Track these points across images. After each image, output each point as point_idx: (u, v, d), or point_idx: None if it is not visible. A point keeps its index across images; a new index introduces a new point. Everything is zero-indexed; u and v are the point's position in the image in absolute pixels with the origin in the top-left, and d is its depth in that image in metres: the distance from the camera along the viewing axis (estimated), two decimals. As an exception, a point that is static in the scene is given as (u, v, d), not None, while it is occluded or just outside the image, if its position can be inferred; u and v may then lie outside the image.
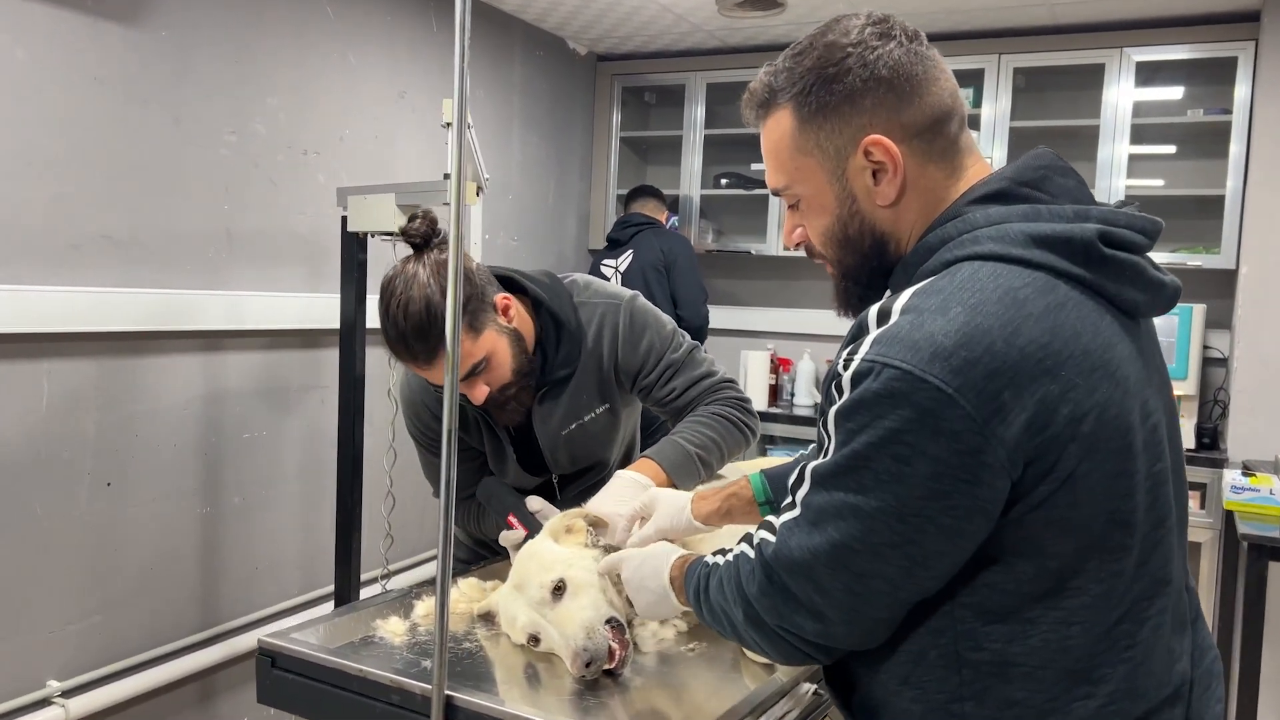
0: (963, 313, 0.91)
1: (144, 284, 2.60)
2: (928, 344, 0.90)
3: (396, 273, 1.59)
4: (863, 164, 1.03)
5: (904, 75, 1.01)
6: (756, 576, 1.03)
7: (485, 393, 1.64)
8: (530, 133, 4.22)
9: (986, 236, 0.97)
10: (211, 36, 2.74)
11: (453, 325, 1.18)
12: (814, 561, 0.97)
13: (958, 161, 1.05)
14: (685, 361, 1.80)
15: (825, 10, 3.74)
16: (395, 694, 1.23)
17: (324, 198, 3.09)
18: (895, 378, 0.90)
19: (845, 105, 1.02)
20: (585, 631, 1.29)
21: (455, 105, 1.22)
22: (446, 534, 1.15)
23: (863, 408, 0.92)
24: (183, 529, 2.76)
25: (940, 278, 0.96)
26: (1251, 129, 3.46)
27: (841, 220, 1.06)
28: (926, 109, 1.02)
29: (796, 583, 0.99)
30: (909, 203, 1.04)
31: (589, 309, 1.78)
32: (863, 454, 0.93)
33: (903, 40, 1.03)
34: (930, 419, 0.89)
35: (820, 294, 4.55)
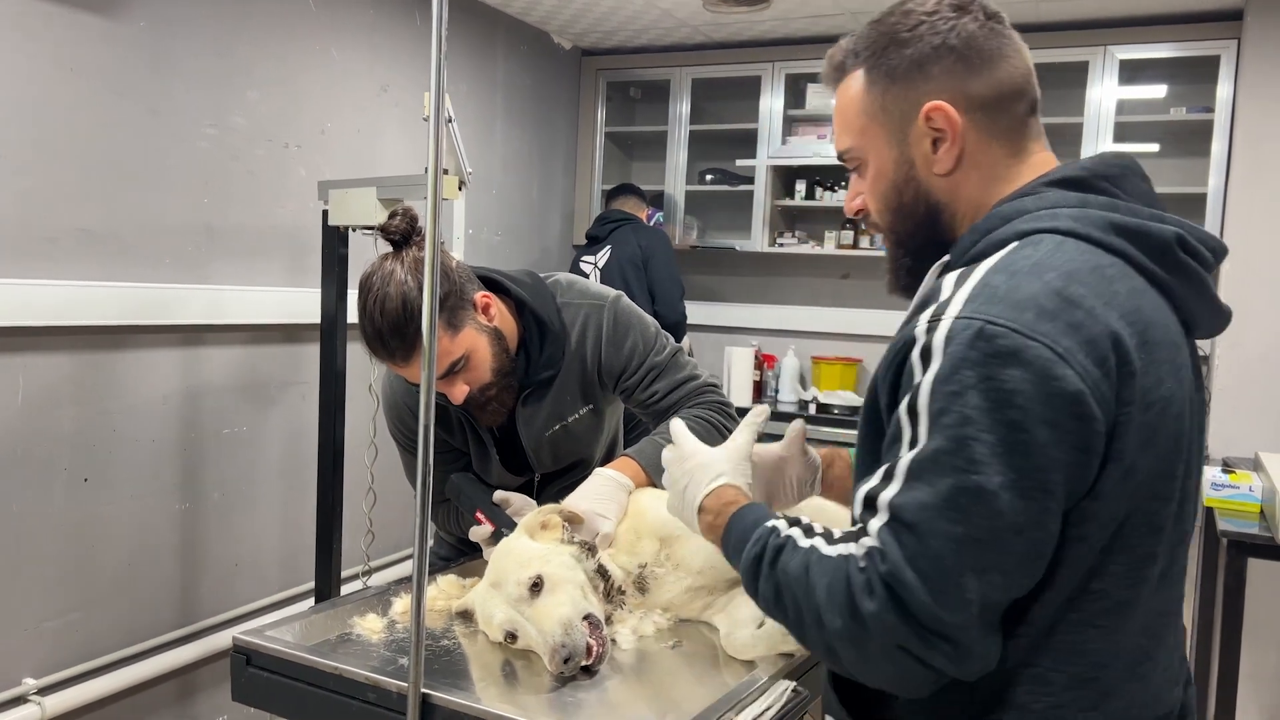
0: (1058, 278, 0.89)
1: (122, 278, 2.57)
2: (1030, 304, 0.87)
3: (374, 269, 1.58)
4: (924, 130, 1.02)
5: (975, 48, 1.01)
6: (876, 593, 0.88)
7: (464, 392, 1.62)
8: (514, 127, 4.20)
9: (1067, 215, 0.96)
10: (191, 28, 2.71)
11: (429, 322, 1.16)
12: (940, 566, 0.86)
13: (1022, 144, 1.04)
14: (668, 364, 1.79)
15: (811, 6, 3.74)
16: (371, 692, 1.22)
17: (305, 192, 3.06)
18: (1001, 335, 0.86)
19: (914, 70, 1.02)
20: (562, 628, 1.28)
21: (433, 99, 1.20)
22: (422, 531, 1.14)
23: (967, 367, 0.86)
24: (161, 526, 2.74)
25: (1024, 245, 0.94)
26: (1233, 127, 3.48)
27: (898, 186, 1.06)
28: (994, 84, 1.02)
29: (917, 596, 0.86)
30: (967, 175, 1.03)
31: (572, 310, 1.77)
32: (975, 421, 0.85)
33: (979, 16, 1.03)
34: (1044, 380, 0.85)
35: (804, 290, 4.56)
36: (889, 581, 0.87)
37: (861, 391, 4.28)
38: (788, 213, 4.49)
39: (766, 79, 4.26)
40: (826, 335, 4.49)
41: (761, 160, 4.26)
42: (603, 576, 1.44)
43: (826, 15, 3.85)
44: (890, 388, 0.96)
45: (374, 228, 2.47)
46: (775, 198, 4.33)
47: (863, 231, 4.21)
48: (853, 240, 4.23)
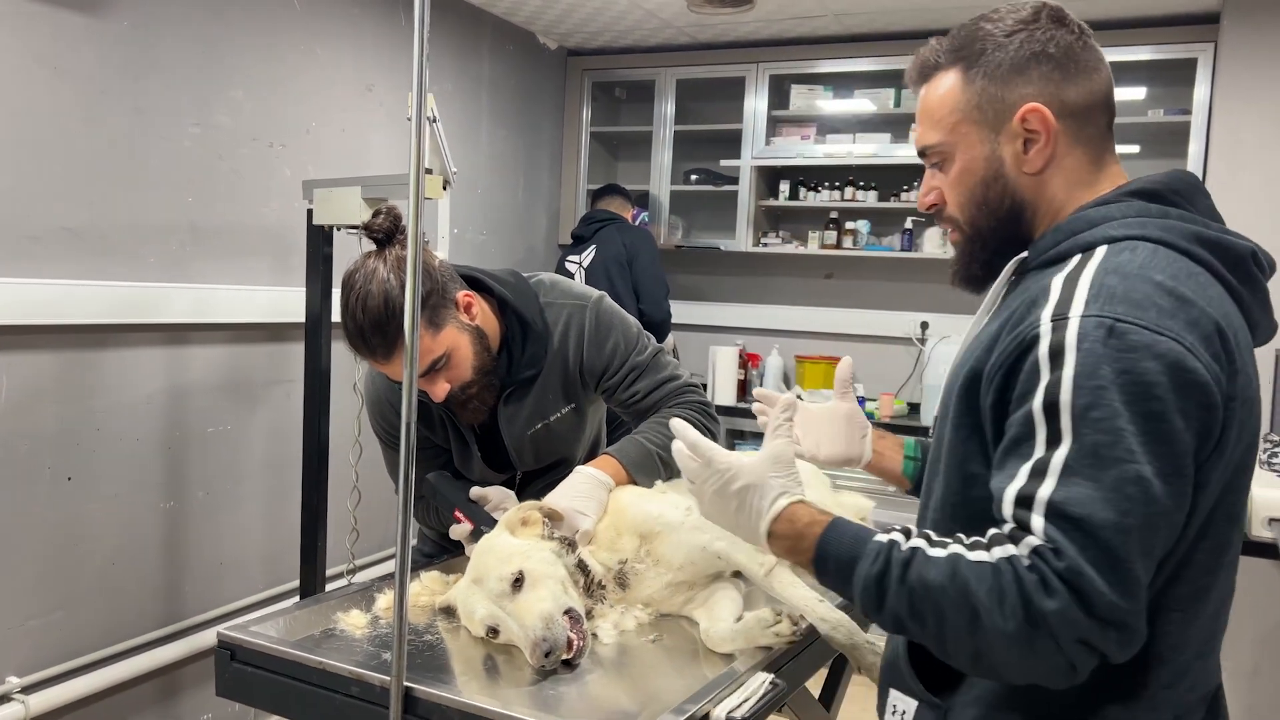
0: (1167, 280, 0.95)
1: (106, 276, 2.57)
2: (1149, 303, 0.93)
3: (357, 267, 1.59)
4: (1017, 130, 1.07)
5: (1072, 58, 1.07)
6: (1056, 590, 0.88)
7: (446, 390, 1.64)
8: (499, 127, 4.21)
9: (1155, 225, 1.01)
10: (175, 27, 2.72)
11: (411, 321, 1.18)
12: (1113, 556, 0.88)
13: (1099, 153, 1.09)
14: (650, 364, 1.81)
15: (795, 8, 3.76)
16: (355, 686, 1.24)
17: (290, 190, 3.07)
18: (1133, 331, 0.91)
19: (1013, 74, 1.07)
20: (544, 622, 1.30)
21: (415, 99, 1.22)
22: (405, 527, 1.16)
23: (1105, 364, 0.90)
24: (145, 524, 2.74)
25: (1121, 249, 0.99)
26: (1210, 129, 3.52)
27: (985, 182, 1.10)
28: (1086, 93, 1.07)
29: (1097, 588, 0.88)
30: (1052, 177, 1.08)
31: (555, 310, 1.78)
32: (1121, 414, 0.89)
33: (1074, 29, 1.08)
34: (1177, 372, 0.90)
35: (788, 290, 4.59)
36: (1067, 577, 0.88)
37: (845, 390, 4.30)
38: (772, 213, 4.52)
39: (751, 80, 4.28)
40: (810, 334, 4.52)
41: (746, 160, 4.28)
42: (583, 571, 1.46)
43: (810, 17, 3.88)
44: (1001, 386, 0.98)
45: (358, 227, 2.49)
46: (759, 198, 4.35)
47: (846, 232, 4.24)
48: (836, 240, 4.26)
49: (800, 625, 1.41)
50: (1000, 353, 0.99)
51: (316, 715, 1.29)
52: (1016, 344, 0.97)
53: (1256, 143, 3.41)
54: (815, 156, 4.19)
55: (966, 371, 1.04)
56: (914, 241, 4.14)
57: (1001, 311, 1.07)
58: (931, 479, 1.13)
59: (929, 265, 4.24)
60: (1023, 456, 0.94)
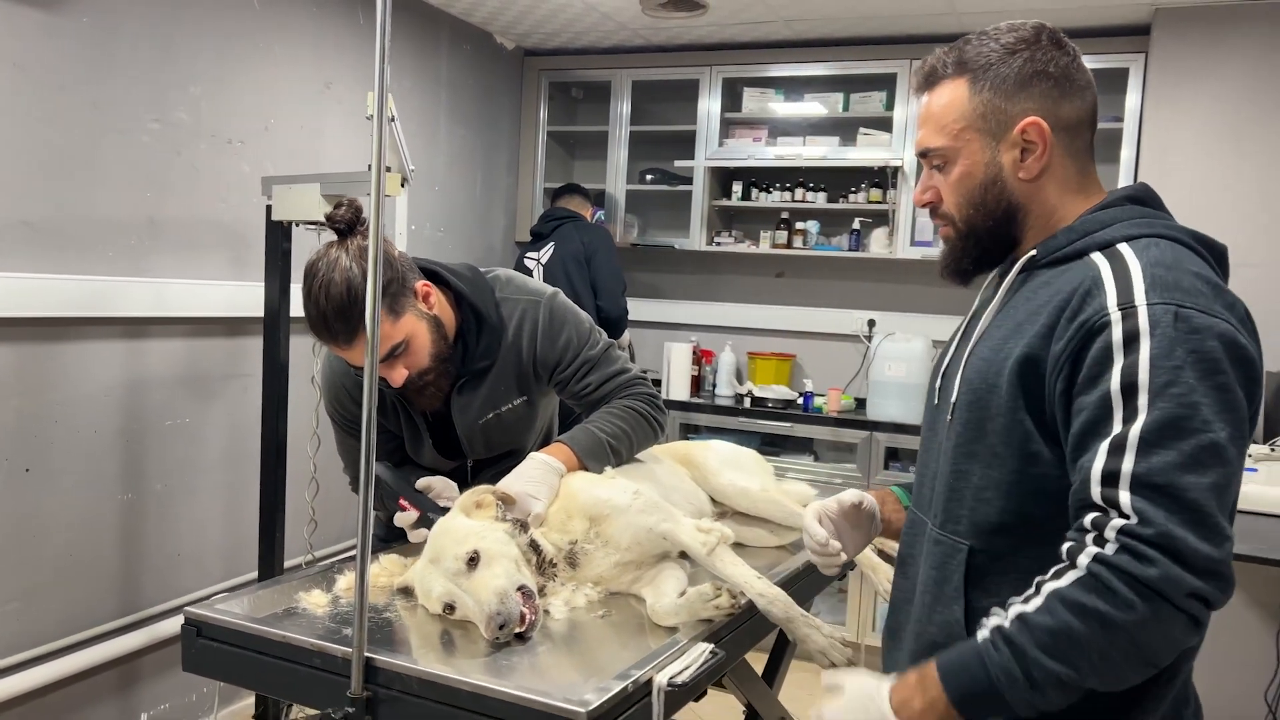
0: (1201, 270, 1.09)
1: (65, 270, 2.60)
2: (1198, 291, 1.06)
3: (320, 256, 1.65)
4: (1016, 140, 1.19)
5: (1069, 79, 1.20)
6: (1152, 557, 0.97)
7: (404, 376, 1.70)
8: (457, 125, 4.26)
9: (1159, 225, 1.15)
10: (134, 24, 2.75)
11: (372, 310, 1.25)
12: (1200, 513, 0.98)
13: (1085, 164, 1.23)
14: (601, 358, 1.89)
15: (746, 13, 3.86)
16: (318, 658, 1.30)
17: (248, 186, 3.11)
18: (1195, 315, 1.03)
19: (1016, 89, 1.18)
20: (498, 597, 1.38)
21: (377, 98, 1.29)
22: (366, 501, 1.23)
23: (1179, 345, 1.02)
24: (103, 516, 2.76)
25: (1147, 245, 1.11)
26: (1141, 136, 3.68)
27: (984, 186, 1.21)
28: (1078, 111, 1.21)
29: (1189, 544, 0.97)
30: (1045, 184, 1.20)
31: (510, 304, 1.85)
32: (1196, 389, 1.01)
33: (1070, 52, 1.21)
34: (1234, 348, 1.03)
35: (740, 288, 4.69)
36: (1160, 542, 0.97)
37: (796, 385, 4.42)
38: (725, 212, 4.62)
39: (704, 82, 4.38)
40: (762, 331, 4.63)
41: (699, 161, 4.38)
42: (535, 551, 1.54)
43: (761, 22, 3.98)
44: (1069, 372, 1.08)
45: (319, 221, 2.55)
46: (713, 198, 4.45)
47: (796, 232, 4.36)
48: (786, 240, 4.37)
49: (740, 600, 1.50)
50: (1067, 339, 1.08)
51: (280, 687, 1.36)
52: (1083, 331, 1.07)
53: (1183, 149, 3.58)
54: (766, 158, 4.30)
55: (1019, 357, 1.12)
56: (861, 242, 4.26)
57: (1024, 303, 1.17)
58: (963, 463, 1.19)
59: (876, 265, 4.36)
60: (1102, 435, 1.04)
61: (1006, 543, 1.16)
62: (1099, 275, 1.10)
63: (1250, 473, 2.63)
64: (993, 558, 1.17)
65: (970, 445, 1.19)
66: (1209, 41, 3.52)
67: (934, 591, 1.22)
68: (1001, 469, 1.15)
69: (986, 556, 1.17)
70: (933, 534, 1.24)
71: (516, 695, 1.18)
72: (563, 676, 1.34)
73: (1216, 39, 3.51)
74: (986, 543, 1.17)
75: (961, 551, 1.19)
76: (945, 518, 1.22)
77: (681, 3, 3.77)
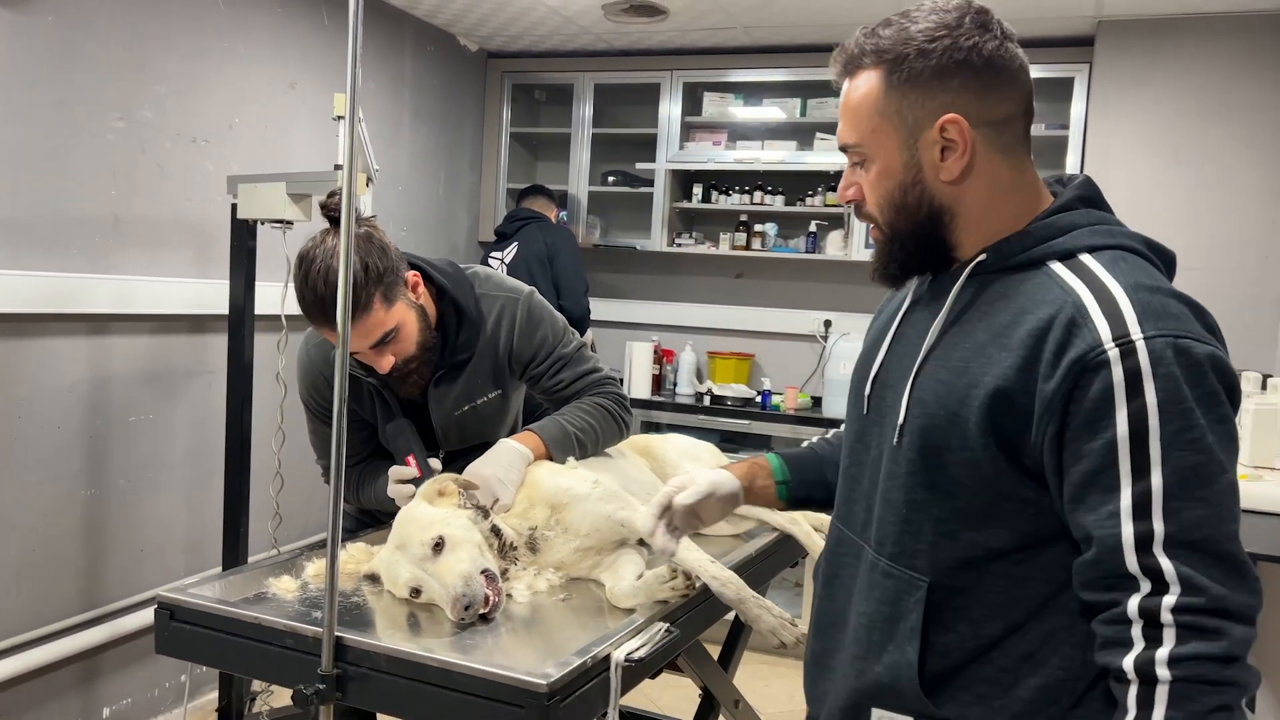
0: (1173, 289, 1.04)
1: (29, 267, 2.61)
2: (1184, 315, 1.00)
3: (316, 244, 1.70)
4: (935, 139, 1.08)
5: (993, 68, 1.07)
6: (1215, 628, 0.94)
7: (391, 362, 1.77)
8: (421, 126, 4.31)
9: (1119, 233, 1.08)
10: (99, 22, 2.77)
11: (344, 310, 1.31)
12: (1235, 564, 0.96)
13: (1019, 159, 1.11)
14: (574, 356, 1.97)
15: (707, 19, 3.95)
16: (289, 638, 1.36)
17: (212, 185, 3.13)
18: (1193, 347, 0.97)
19: (934, 81, 1.07)
20: (463, 580, 1.44)
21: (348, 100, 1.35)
22: (337, 485, 1.29)
23: (1184, 384, 0.95)
24: (67, 511, 2.78)
25: (1115, 259, 1.05)
26: (1086, 143, 3.81)
27: (904, 186, 1.11)
28: (1004, 103, 1.08)
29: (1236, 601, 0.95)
30: (973, 184, 1.09)
31: (489, 300, 1.93)
32: (1207, 429, 0.95)
33: (998, 35, 1.08)
34: (1226, 375, 0.99)
35: (701, 288, 4.78)
36: (1215, 608, 0.94)
37: (755, 384, 4.51)
38: (685, 214, 4.70)
39: (666, 86, 4.46)
40: (721, 331, 4.72)
41: (661, 164, 4.46)
42: (496, 535, 1.60)
43: (721, 28, 4.07)
44: (1061, 413, 0.99)
45: (285, 220, 2.59)
46: (674, 200, 4.53)
47: (755, 234, 4.45)
48: (745, 242, 4.46)
49: (695, 583, 1.57)
50: (1059, 379, 0.99)
51: (252, 667, 1.41)
52: (1076, 369, 0.98)
53: (1126, 155, 3.72)
54: (726, 161, 4.39)
55: (991, 391, 1.03)
56: (818, 244, 4.36)
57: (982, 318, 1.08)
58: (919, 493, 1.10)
59: (832, 266, 4.47)
60: (1107, 489, 0.97)
61: (969, 577, 1.08)
62: (1080, 301, 1.00)
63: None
64: (953, 592, 1.09)
65: (928, 475, 1.09)
66: (1149, 52, 3.67)
67: (883, 629, 1.13)
68: (969, 502, 1.07)
69: (947, 592, 1.09)
70: (881, 565, 1.14)
71: (481, 670, 1.25)
72: (524, 654, 1.40)
73: (1156, 50, 3.66)
74: (949, 578, 1.09)
75: (920, 589, 1.09)
76: (898, 550, 1.12)
77: (643, 8, 3.84)
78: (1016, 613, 1.07)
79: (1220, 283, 3.59)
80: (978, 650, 1.08)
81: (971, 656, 1.08)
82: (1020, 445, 1.03)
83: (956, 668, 1.09)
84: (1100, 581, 0.99)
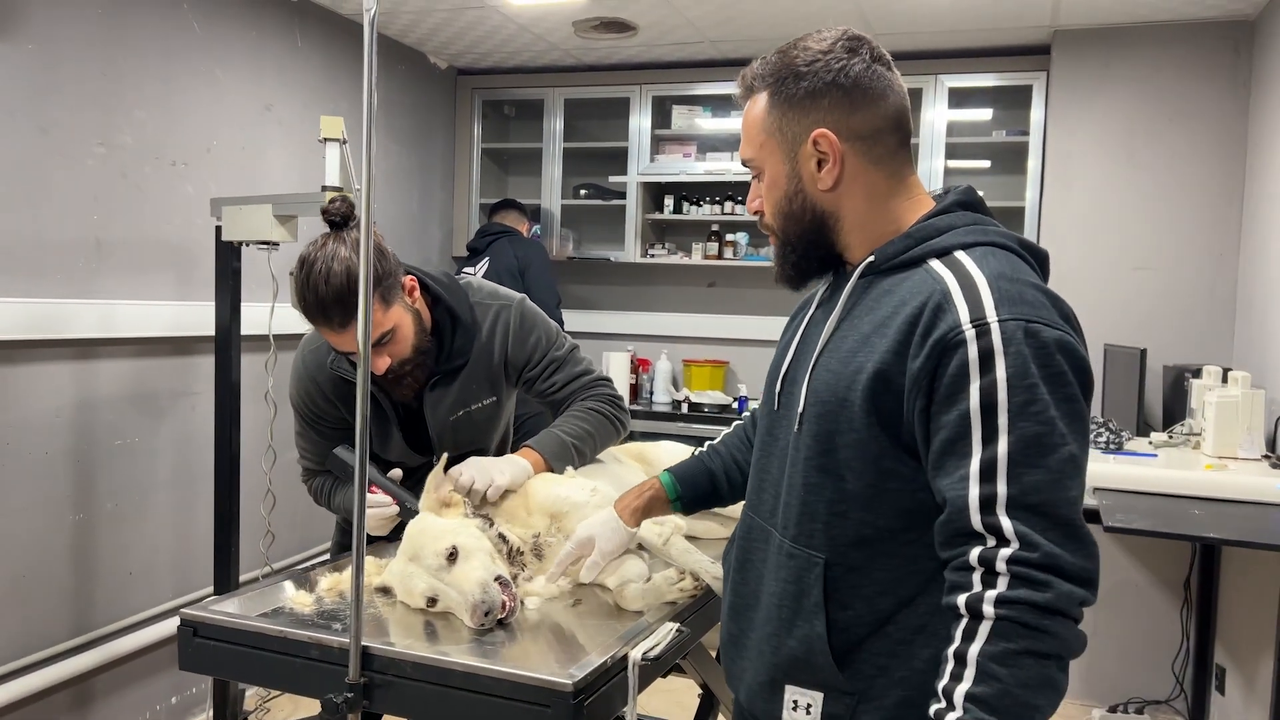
0: (1035, 280, 1.12)
1: (12, 293, 2.62)
2: (1040, 303, 1.09)
3: (317, 247, 1.74)
4: (811, 152, 1.20)
5: (860, 87, 1.19)
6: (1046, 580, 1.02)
7: (387, 364, 1.81)
8: (393, 143, 4.34)
9: (992, 232, 1.18)
10: (79, 50, 2.78)
11: (364, 312, 1.35)
12: (1072, 528, 1.03)
13: (895, 168, 1.22)
14: (567, 359, 2.03)
15: (674, 34, 4.03)
16: (315, 649, 1.39)
17: (193, 207, 3.15)
18: (1043, 330, 1.06)
19: (807, 100, 1.20)
20: (480, 587, 1.49)
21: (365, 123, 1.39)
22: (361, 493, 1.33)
23: (1032, 362, 1.04)
24: (55, 536, 2.78)
25: (984, 254, 1.14)
26: (1046, 148, 3.94)
27: (789, 195, 1.23)
28: (872, 119, 1.20)
29: (1070, 560, 1.02)
30: (849, 192, 1.21)
31: (483, 308, 1.98)
32: (1051, 404, 1.04)
33: (866, 58, 1.20)
34: (1076, 359, 1.07)
35: (674, 298, 4.85)
36: (1046, 563, 1.02)
37: (730, 391, 4.58)
38: (658, 225, 4.77)
39: (635, 100, 4.53)
40: (696, 340, 4.79)
41: (632, 176, 4.53)
42: (503, 541, 1.65)
43: (688, 43, 4.15)
44: (927, 389, 1.09)
45: (271, 241, 2.61)
46: (646, 211, 4.60)
47: (726, 244, 4.53)
48: (717, 251, 4.54)
49: (701, 583, 1.63)
50: (924, 357, 1.08)
51: (278, 679, 1.44)
52: (939, 348, 1.07)
53: (1084, 159, 3.84)
54: (696, 173, 4.46)
55: (871, 373, 1.12)
56: (789, 251, 4.44)
57: (868, 313, 1.18)
58: (814, 476, 1.19)
59: (803, 273, 4.55)
60: (961, 455, 1.06)
61: (862, 555, 1.17)
62: (947, 289, 1.10)
63: (1150, 458, 2.86)
64: (848, 569, 1.17)
65: (821, 459, 1.18)
66: (1103, 60, 3.80)
67: (792, 606, 1.21)
68: (857, 482, 1.16)
69: (843, 569, 1.17)
70: (786, 547, 1.23)
71: (507, 672, 1.29)
72: (544, 656, 1.45)
73: (1110, 58, 3.79)
74: (842, 556, 1.17)
75: (818, 565, 1.18)
76: (798, 531, 1.21)
77: (613, 25, 3.91)
78: (906, 588, 1.16)
79: (1177, 280, 3.72)
80: (875, 624, 1.16)
81: (870, 631, 1.17)
82: (898, 423, 1.13)
83: (858, 642, 1.17)
84: (952, 539, 1.08)
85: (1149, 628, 3.66)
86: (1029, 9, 3.58)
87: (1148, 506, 2.51)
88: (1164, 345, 3.68)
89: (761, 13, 3.71)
